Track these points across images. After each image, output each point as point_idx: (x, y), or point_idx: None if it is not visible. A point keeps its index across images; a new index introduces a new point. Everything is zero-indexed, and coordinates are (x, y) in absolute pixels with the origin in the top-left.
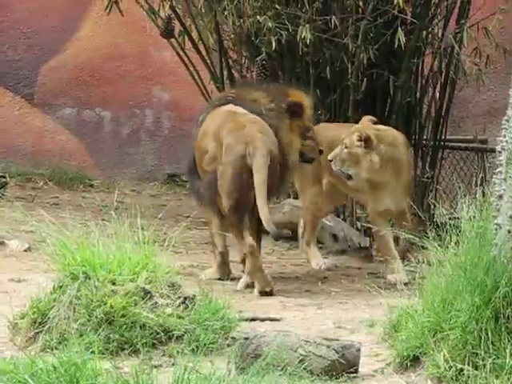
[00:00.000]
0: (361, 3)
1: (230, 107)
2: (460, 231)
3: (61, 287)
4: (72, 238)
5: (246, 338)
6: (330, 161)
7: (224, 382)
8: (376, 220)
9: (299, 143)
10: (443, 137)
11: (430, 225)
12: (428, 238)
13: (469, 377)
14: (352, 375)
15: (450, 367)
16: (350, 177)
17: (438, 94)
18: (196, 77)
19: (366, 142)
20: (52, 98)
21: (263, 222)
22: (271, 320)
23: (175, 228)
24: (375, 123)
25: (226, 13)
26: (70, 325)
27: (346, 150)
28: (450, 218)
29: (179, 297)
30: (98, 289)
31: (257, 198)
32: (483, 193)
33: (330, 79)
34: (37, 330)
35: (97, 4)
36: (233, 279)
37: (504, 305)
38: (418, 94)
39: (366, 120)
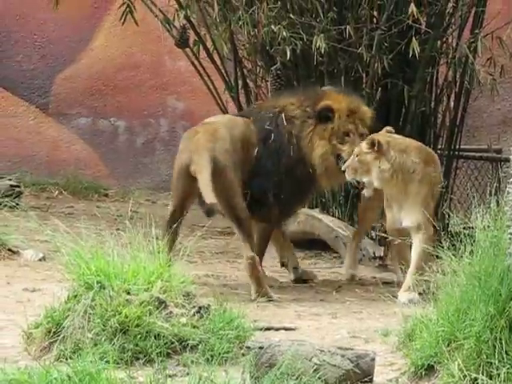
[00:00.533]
0: (375, 13)
1: (215, 117)
2: (474, 241)
3: (75, 297)
4: (86, 248)
5: (261, 348)
6: (344, 171)
7: None
8: (391, 232)
9: (329, 148)
10: (458, 146)
11: (444, 234)
12: (442, 247)
13: None
14: None
15: (465, 376)
16: (364, 186)
17: (452, 104)
18: (211, 86)
19: (376, 146)
20: (67, 107)
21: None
22: (286, 329)
23: (190, 237)
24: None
25: (240, 22)
26: (84, 334)
27: (356, 158)
28: (464, 228)
29: (194, 306)
30: (113, 298)
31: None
32: (497, 202)
33: (345, 89)
34: (51, 340)
35: (111, 14)
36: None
37: None
38: (432, 103)
39: (385, 130)
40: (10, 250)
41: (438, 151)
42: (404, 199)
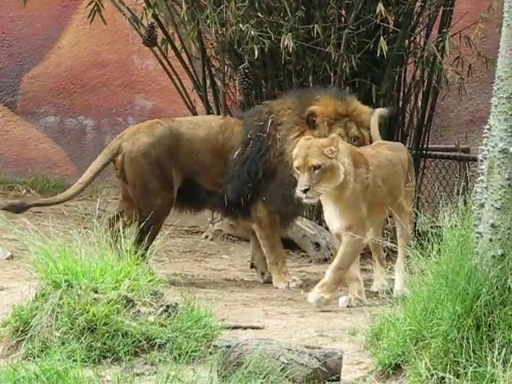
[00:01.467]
0: (343, 12)
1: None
2: (442, 240)
3: (43, 295)
4: (54, 247)
5: (228, 346)
6: None
7: None
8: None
9: None
10: (425, 145)
11: (411, 233)
12: (410, 246)
13: None
14: (334, 383)
15: (432, 375)
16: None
17: (420, 103)
18: (179, 85)
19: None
20: (35, 106)
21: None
22: (253, 328)
23: (158, 236)
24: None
25: (208, 21)
26: (52, 333)
27: None
28: (431, 227)
29: (161, 305)
30: (81, 297)
31: None
32: (465, 201)
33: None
34: (19, 339)
35: (79, 12)
36: None
37: (485, 313)
38: (400, 102)
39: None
40: None
41: None
42: (337, 202)
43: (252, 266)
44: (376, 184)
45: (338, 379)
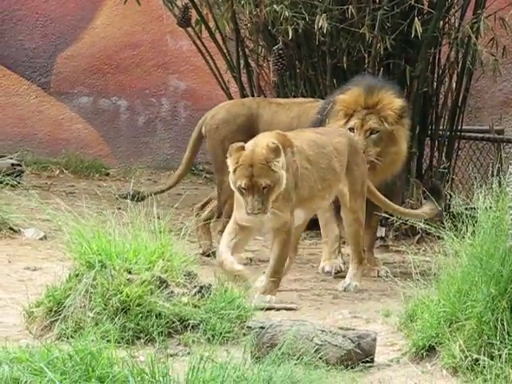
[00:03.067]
0: None
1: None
2: (476, 221)
3: (77, 276)
4: (88, 227)
5: (262, 328)
6: None
7: (239, 371)
8: None
9: None
10: (459, 127)
11: (446, 215)
12: (444, 228)
13: (484, 367)
14: (367, 365)
15: (466, 357)
16: None
17: (454, 85)
18: (212, 66)
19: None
20: (68, 86)
21: None
22: (287, 309)
23: (192, 217)
24: None
25: (242, 2)
26: (85, 313)
27: None
28: (466, 209)
29: (195, 286)
30: (114, 278)
31: None
32: (499, 183)
33: (347, 69)
34: (52, 319)
35: None
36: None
37: None
38: (434, 84)
39: None
40: (11, 228)
41: (440, 132)
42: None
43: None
44: (303, 165)
45: (372, 361)
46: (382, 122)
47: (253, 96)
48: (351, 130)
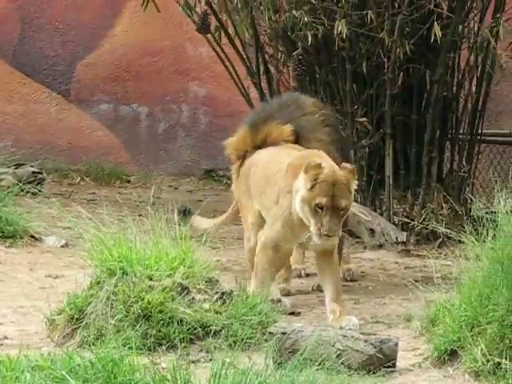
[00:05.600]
0: None
1: None
2: (497, 225)
3: (98, 283)
4: (109, 234)
5: (284, 333)
6: None
7: (261, 377)
8: None
9: None
10: (480, 131)
11: (466, 219)
12: (465, 232)
13: (506, 370)
14: (390, 369)
15: (488, 361)
16: None
17: (474, 89)
18: (232, 72)
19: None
20: (88, 94)
21: None
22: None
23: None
24: None
25: (261, 8)
26: (107, 321)
27: None
28: (486, 212)
29: (216, 292)
30: (136, 284)
31: None
32: None
33: (367, 74)
34: (74, 326)
35: (132, 0)
36: None
37: None
38: (454, 88)
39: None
40: (32, 236)
41: (460, 136)
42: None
43: None
44: None
45: (394, 365)
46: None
47: None
48: None
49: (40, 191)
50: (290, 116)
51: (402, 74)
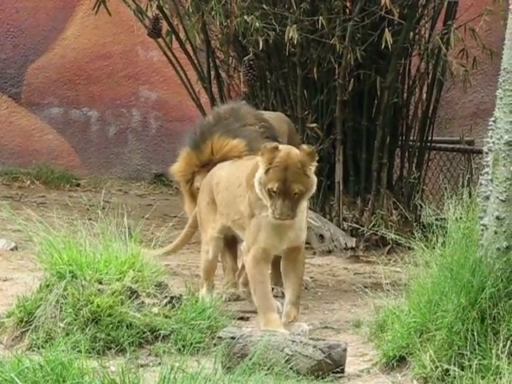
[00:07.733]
0: (348, 4)
1: None
2: (446, 232)
3: (47, 286)
4: (59, 237)
5: (233, 338)
6: None
7: (210, 381)
8: None
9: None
10: (430, 138)
11: (416, 225)
12: (414, 238)
13: (455, 377)
14: (338, 375)
15: (436, 367)
16: None
17: (424, 95)
18: (183, 77)
19: None
20: (39, 97)
21: None
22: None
23: (162, 228)
24: None
25: (213, 13)
26: (56, 324)
27: None
28: (436, 219)
29: (166, 296)
30: (85, 288)
31: None
32: (470, 194)
33: (318, 80)
34: (23, 329)
35: (84, 4)
36: None
37: (490, 305)
38: (405, 94)
39: None
40: None
41: (411, 142)
42: None
43: None
44: None
45: (342, 371)
46: None
47: None
48: None
49: None
50: (228, 128)
51: (352, 80)
